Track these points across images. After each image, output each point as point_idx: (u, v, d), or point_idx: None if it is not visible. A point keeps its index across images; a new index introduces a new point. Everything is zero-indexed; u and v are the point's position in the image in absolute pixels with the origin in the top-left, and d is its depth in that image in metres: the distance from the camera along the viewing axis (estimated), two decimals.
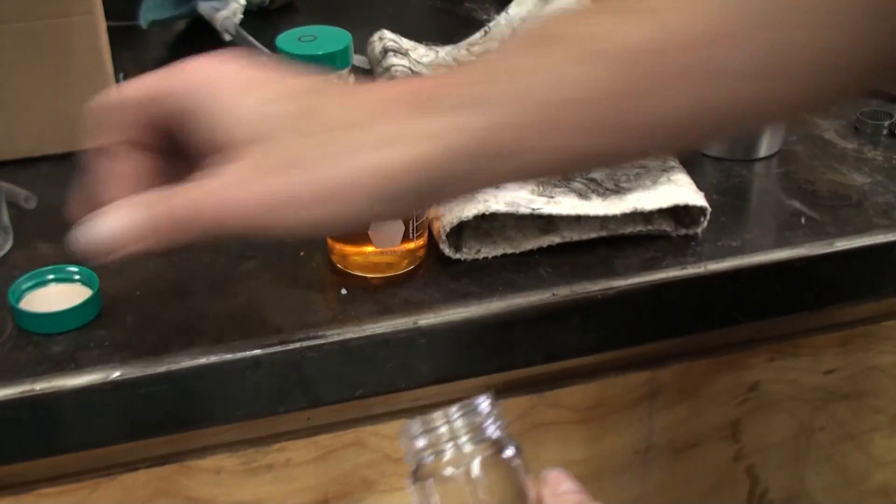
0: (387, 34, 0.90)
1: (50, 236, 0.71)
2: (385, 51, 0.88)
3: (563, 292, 0.66)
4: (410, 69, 0.86)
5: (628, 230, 0.69)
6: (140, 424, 0.61)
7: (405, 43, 0.90)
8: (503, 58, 0.51)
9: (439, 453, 0.46)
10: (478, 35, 0.92)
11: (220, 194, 0.48)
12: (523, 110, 0.48)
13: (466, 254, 0.68)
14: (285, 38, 0.72)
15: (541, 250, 0.68)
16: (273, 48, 0.97)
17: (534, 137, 0.49)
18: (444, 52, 0.91)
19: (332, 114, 0.50)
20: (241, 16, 0.97)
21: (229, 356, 0.61)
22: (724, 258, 0.69)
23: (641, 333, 0.70)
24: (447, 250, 0.67)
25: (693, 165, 0.77)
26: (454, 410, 0.46)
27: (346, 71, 0.73)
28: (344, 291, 0.65)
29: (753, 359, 0.77)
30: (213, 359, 0.61)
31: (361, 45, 0.89)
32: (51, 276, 0.65)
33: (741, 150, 0.80)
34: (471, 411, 0.46)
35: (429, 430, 0.46)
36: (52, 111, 0.78)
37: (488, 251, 0.68)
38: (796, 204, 0.75)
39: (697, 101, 0.49)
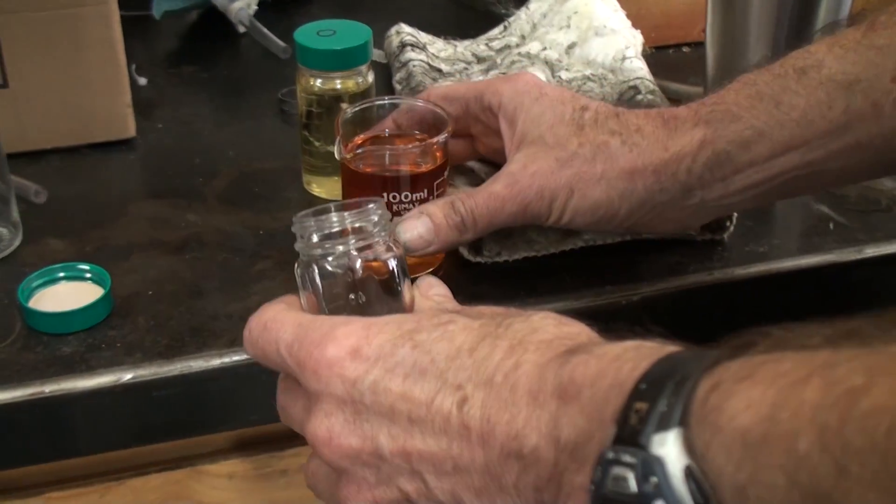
0: (404, 28, 0.88)
1: (60, 232, 0.69)
2: (403, 45, 0.86)
3: (586, 297, 0.64)
4: (428, 64, 0.84)
5: (653, 234, 0.68)
6: (152, 428, 0.60)
7: (423, 37, 0.88)
8: None
9: (328, 249, 0.49)
10: (497, 30, 0.90)
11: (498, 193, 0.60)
12: None
13: (487, 257, 0.66)
14: (303, 32, 0.70)
15: (563, 254, 0.67)
16: (289, 40, 0.95)
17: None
18: (462, 47, 0.89)
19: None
20: (256, 7, 0.95)
21: (244, 359, 0.59)
22: (751, 264, 0.67)
23: (666, 340, 0.68)
24: (466, 253, 0.66)
25: None
26: (347, 214, 0.50)
27: (365, 66, 0.71)
28: None
29: None
30: (227, 361, 0.59)
31: (378, 39, 0.88)
32: (61, 274, 0.64)
33: None
34: (363, 216, 0.50)
35: (322, 227, 0.49)
36: (64, 103, 0.76)
37: (509, 254, 0.66)
38: (824, 209, 0.73)
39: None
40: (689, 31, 0.94)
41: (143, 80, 0.87)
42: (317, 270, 0.49)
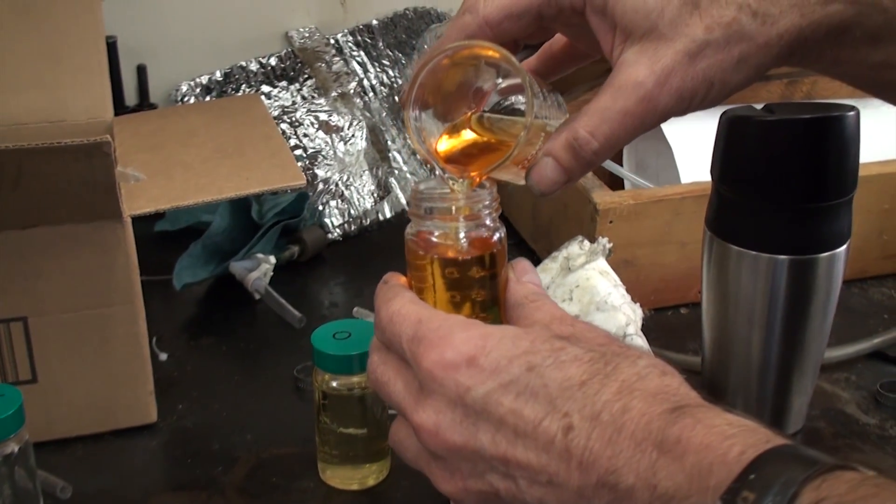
0: None
1: None
2: None
3: None
4: None
5: None
6: None
7: None
8: None
9: (437, 222, 0.54)
10: None
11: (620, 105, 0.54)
12: None
13: None
14: (320, 335, 0.74)
15: None
16: (303, 301, 0.99)
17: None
18: None
19: None
20: (272, 273, 1.00)
21: None
22: None
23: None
24: None
25: None
26: (462, 194, 0.54)
27: None
28: None
29: None
30: None
31: None
32: None
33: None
34: (474, 198, 0.54)
35: (434, 200, 0.54)
36: (89, 394, 0.79)
37: None
38: None
39: None
40: (685, 294, 0.98)
41: (163, 356, 0.91)
42: (426, 239, 0.54)
